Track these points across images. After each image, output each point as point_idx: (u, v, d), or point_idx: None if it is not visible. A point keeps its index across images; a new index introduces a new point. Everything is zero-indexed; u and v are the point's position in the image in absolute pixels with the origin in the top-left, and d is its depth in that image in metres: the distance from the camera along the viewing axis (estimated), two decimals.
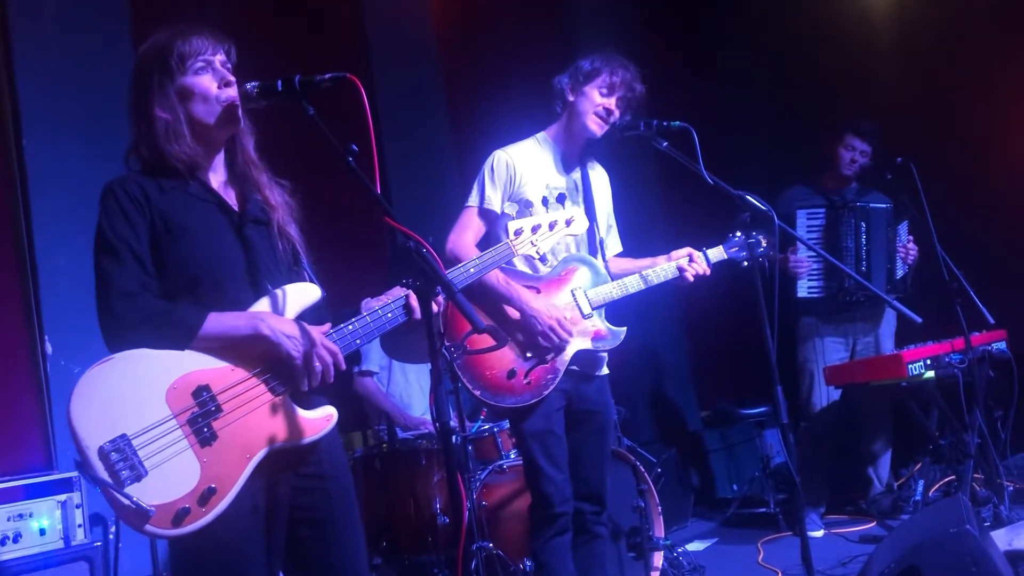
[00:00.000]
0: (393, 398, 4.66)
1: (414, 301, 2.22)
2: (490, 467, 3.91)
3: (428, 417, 4.51)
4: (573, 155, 3.29)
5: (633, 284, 3.17)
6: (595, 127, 3.17)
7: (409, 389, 4.71)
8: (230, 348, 2.05)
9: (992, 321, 4.35)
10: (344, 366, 2.13)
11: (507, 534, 3.72)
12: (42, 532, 3.33)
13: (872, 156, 4.90)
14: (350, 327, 2.18)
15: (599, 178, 3.40)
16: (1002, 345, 4.54)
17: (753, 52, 6.34)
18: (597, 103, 3.16)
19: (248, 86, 2.13)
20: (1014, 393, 4.29)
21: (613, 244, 3.43)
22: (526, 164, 3.17)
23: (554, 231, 2.60)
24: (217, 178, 2.23)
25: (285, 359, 2.06)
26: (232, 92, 2.15)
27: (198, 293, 2.08)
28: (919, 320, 3.11)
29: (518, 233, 2.56)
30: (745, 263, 3.23)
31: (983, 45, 5.50)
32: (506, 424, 4.04)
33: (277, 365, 2.07)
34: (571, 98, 3.22)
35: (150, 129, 2.12)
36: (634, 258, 3.38)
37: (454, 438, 3.66)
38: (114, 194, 2.08)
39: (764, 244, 3.21)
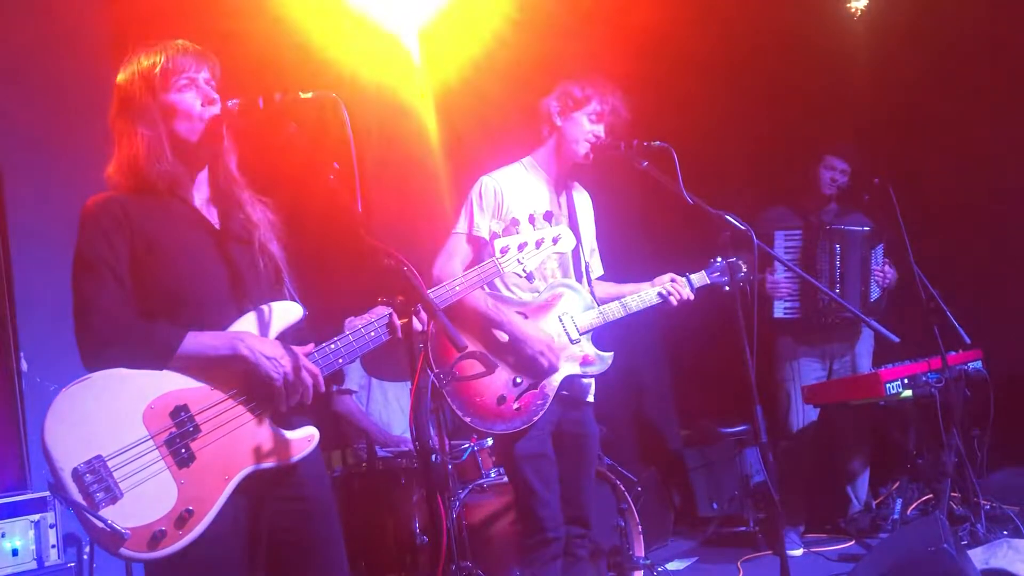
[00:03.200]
0: (372, 417, 4.63)
1: (397, 320, 2.21)
2: (470, 486, 3.89)
3: (408, 436, 4.48)
4: (560, 179, 3.31)
5: (618, 310, 3.21)
6: (585, 152, 3.20)
7: (388, 407, 4.69)
8: (209, 368, 2.03)
9: (968, 340, 4.39)
10: (324, 388, 2.11)
11: (487, 553, 3.70)
12: (15, 552, 3.28)
13: (851, 175, 4.95)
14: (332, 346, 2.17)
15: (583, 202, 3.43)
16: (978, 364, 4.57)
17: (732, 72, 6.39)
18: (587, 130, 3.19)
19: (230, 103, 2.13)
20: (990, 412, 4.32)
21: (596, 267, 3.46)
22: (512, 189, 3.19)
23: (540, 249, 2.60)
24: (199, 196, 2.22)
25: (264, 380, 2.04)
26: (215, 110, 2.14)
27: (179, 312, 2.06)
28: (896, 339, 3.13)
29: (504, 251, 2.54)
30: (727, 287, 3.25)
31: (961, 66, 5.58)
32: (487, 443, 4.03)
33: (256, 385, 2.05)
34: (559, 123, 3.23)
35: (131, 146, 2.11)
36: (616, 282, 3.41)
37: (434, 457, 3.64)
38: (93, 213, 2.07)
39: (744, 269, 3.25)
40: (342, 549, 2.25)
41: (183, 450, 1.96)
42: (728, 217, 2.97)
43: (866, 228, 4.88)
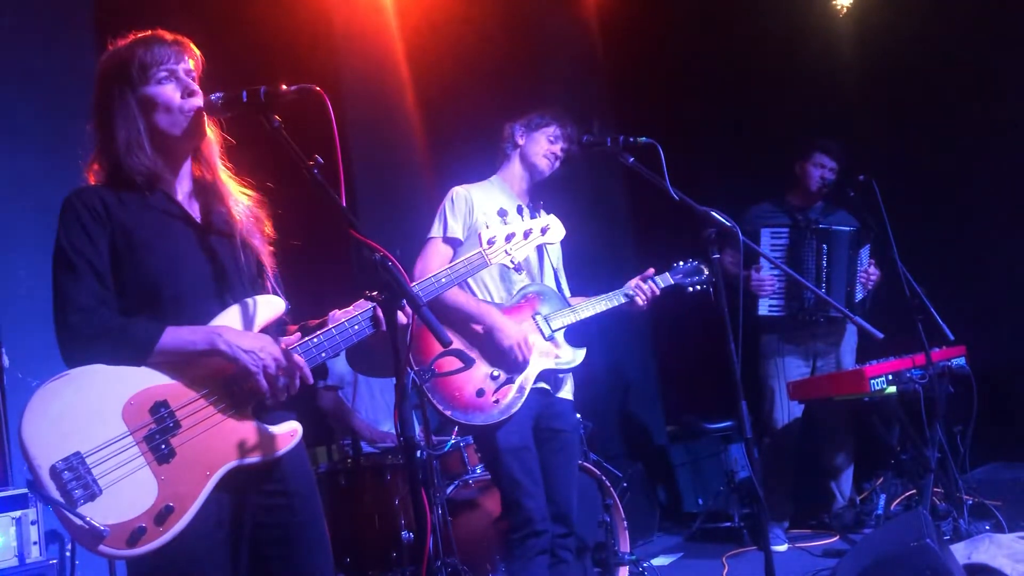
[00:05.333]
0: (359, 413, 4.62)
1: (381, 313, 2.19)
2: (456, 482, 3.88)
3: (393, 431, 4.47)
4: (524, 196, 3.47)
5: (588, 308, 3.34)
6: (545, 165, 3.43)
7: (375, 404, 4.68)
8: (189, 363, 2.01)
9: (952, 337, 4.41)
10: (311, 380, 2.09)
11: (472, 549, 3.70)
12: None
13: (837, 172, 4.97)
14: (315, 340, 2.15)
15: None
16: (961, 361, 4.60)
17: (718, 69, 6.40)
18: (545, 147, 3.42)
19: (212, 97, 2.10)
20: (973, 408, 4.35)
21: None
22: (482, 201, 3.33)
23: (529, 239, 2.59)
24: (182, 189, 2.20)
25: (244, 374, 2.01)
26: (197, 102, 2.11)
27: (159, 307, 2.04)
28: (880, 336, 3.15)
29: (491, 242, 2.53)
30: (690, 289, 3.48)
31: (946, 62, 5.61)
32: (472, 439, 4.02)
33: (237, 380, 2.03)
34: (520, 141, 3.46)
35: (111, 140, 2.09)
36: (593, 293, 3.49)
37: (419, 453, 3.64)
38: (73, 207, 2.04)
39: (706, 272, 3.47)
40: (328, 544, 2.23)
41: (163, 446, 1.94)
42: (714, 213, 2.98)
43: (853, 228, 4.89)
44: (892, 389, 4.35)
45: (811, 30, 6.17)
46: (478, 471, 3.94)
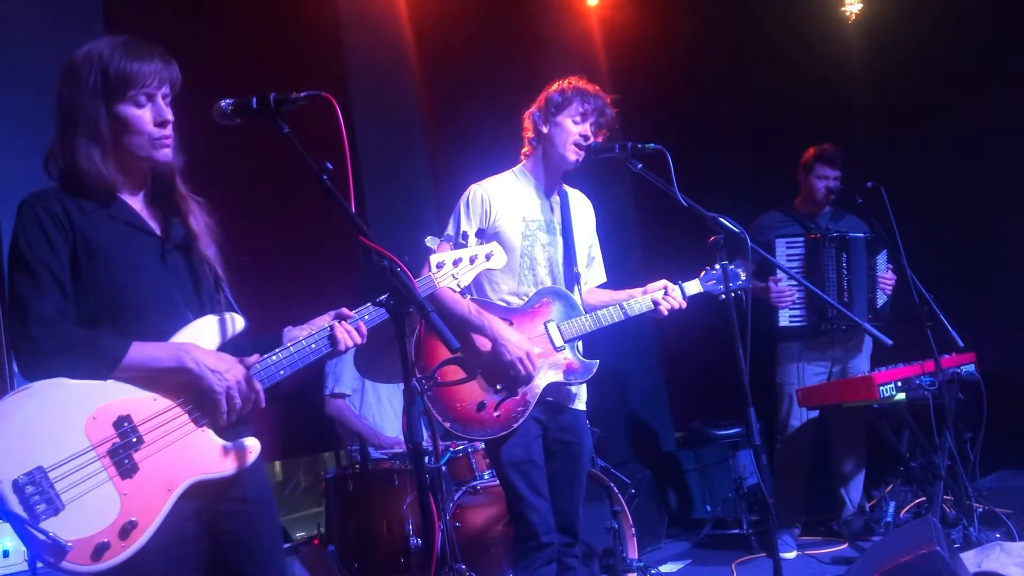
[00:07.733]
0: (366, 419, 4.63)
1: (339, 333, 2.20)
2: (464, 488, 3.88)
3: (401, 438, 4.48)
4: (552, 186, 3.28)
5: (606, 317, 3.15)
6: (573, 156, 3.16)
7: (382, 410, 4.69)
8: (153, 379, 2.00)
9: (961, 344, 4.40)
10: (264, 404, 2.09)
11: (481, 556, 3.70)
12: (5, 554, 3.25)
13: (841, 178, 4.95)
14: (274, 358, 2.14)
15: (581, 210, 3.38)
16: (971, 368, 4.58)
17: (726, 77, 6.40)
18: (573, 132, 3.15)
19: (223, 103, 2.08)
20: (983, 415, 4.33)
21: (596, 275, 3.42)
22: (502, 197, 3.17)
23: (474, 265, 2.65)
24: (141, 201, 2.18)
25: (207, 392, 2.01)
26: (167, 131, 2.10)
27: (118, 319, 2.02)
28: (889, 343, 3.14)
29: (440, 266, 2.59)
30: (722, 296, 3.13)
31: (954, 67, 5.61)
32: (480, 445, 4.02)
33: (199, 397, 2.03)
34: (545, 130, 3.20)
35: (72, 142, 2.04)
36: (613, 290, 3.36)
37: (426, 459, 3.63)
38: (33, 211, 2.00)
39: (744, 276, 3.19)
40: (282, 552, 2.24)
41: (126, 461, 1.92)
42: (722, 219, 2.97)
43: (868, 235, 4.86)
44: (901, 396, 4.34)
45: (820, 36, 6.16)
46: (486, 476, 3.94)
